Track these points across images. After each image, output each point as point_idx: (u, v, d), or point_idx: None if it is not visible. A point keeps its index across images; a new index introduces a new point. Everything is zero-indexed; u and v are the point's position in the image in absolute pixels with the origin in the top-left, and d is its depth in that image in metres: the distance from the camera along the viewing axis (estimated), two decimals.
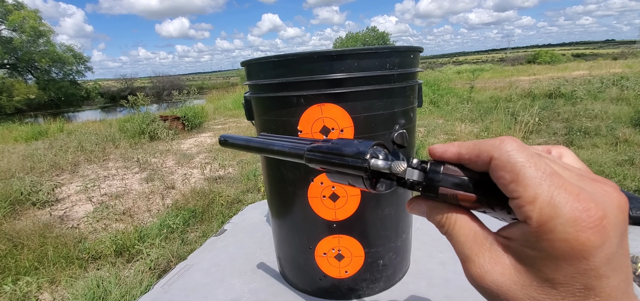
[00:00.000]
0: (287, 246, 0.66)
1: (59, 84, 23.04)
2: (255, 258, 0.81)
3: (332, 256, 0.60)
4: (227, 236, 0.94)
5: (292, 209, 0.61)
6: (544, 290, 0.18)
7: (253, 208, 1.12)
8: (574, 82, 8.88)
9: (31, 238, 2.66)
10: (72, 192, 4.13)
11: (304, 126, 0.53)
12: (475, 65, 25.76)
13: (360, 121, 0.52)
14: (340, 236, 0.59)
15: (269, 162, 0.62)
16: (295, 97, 0.52)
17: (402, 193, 0.61)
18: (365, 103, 0.52)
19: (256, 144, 0.37)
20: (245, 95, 0.64)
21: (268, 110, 0.57)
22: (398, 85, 0.53)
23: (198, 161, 5.16)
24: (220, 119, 9.50)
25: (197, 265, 0.80)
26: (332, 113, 0.51)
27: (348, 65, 0.49)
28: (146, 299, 0.69)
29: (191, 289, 0.71)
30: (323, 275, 0.62)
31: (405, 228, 0.65)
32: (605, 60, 21.64)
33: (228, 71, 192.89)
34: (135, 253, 2.48)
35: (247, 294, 0.67)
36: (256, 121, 0.63)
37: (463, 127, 5.14)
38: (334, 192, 0.56)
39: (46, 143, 6.69)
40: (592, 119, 5.27)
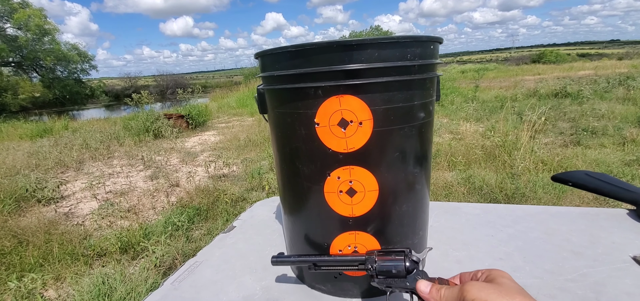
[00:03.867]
0: (301, 243, 0.64)
1: (63, 82, 23.15)
2: (266, 255, 0.79)
3: (348, 253, 0.59)
4: (236, 233, 0.93)
5: (307, 205, 0.59)
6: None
7: (261, 205, 1.11)
8: (580, 81, 8.80)
9: (36, 234, 2.66)
10: (77, 189, 4.14)
11: (322, 118, 0.51)
12: (480, 64, 25.63)
13: (379, 114, 0.50)
14: (356, 233, 0.57)
15: (284, 156, 0.60)
16: (313, 89, 0.50)
17: (420, 190, 0.60)
18: (385, 96, 0.50)
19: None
20: (258, 88, 0.63)
21: (283, 103, 0.55)
22: (418, 76, 0.52)
23: (202, 159, 5.16)
24: (224, 118, 9.51)
25: (207, 262, 0.79)
26: (351, 106, 0.50)
27: (368, 55, 0.47)
28: (156, 296, 0.68)
29: (202, 286, 0.69)
30: (339, 272, 0.61)
31: (422, 225, 0.64)
32: (611, 60, 21.46)
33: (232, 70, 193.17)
34: (140, 250, 2.48)
35: (259, 291, 0.66)
36: (270, 115, 0.62)
37: (468, 126, 5.11)
38: (351, 187, 0.54)
39: (51, 140, 6.73)
40: (599, 119, 5.21)
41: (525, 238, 0.78)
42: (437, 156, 3.98)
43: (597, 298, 0.57)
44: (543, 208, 0.93)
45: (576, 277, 0.63)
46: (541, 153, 3.72)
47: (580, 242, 0.74)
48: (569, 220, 0.85)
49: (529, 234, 0.79)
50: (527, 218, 0.87)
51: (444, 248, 0.76)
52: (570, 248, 0.73)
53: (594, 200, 2.76)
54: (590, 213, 0.87)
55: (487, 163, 3.69)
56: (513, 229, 0.82)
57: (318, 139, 0.53)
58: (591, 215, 0.87)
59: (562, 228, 0.81)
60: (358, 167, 0.53)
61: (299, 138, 0.55)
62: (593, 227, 0.80)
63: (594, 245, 0.73)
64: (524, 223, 0.85)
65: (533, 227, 0.82)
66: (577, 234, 0.78)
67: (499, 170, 3.46)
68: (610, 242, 0.73)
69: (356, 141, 0.51)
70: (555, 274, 0.64)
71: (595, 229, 0.79)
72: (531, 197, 2.84)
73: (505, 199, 2.88)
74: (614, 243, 0.73)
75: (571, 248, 0.72)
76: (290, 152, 0.58)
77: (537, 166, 3.44)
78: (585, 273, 0.64)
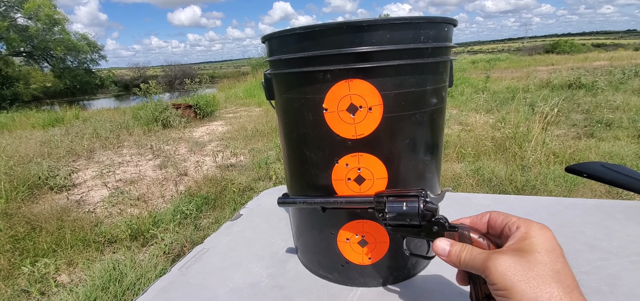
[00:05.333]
0: (308, 232, 0.64)
1: (74, 72, 23.43)
2: (273, 243, 0.79)
3: (356, 242, 0.58)
4: (243, 221, 0.93)
5: (314, 193, 0.58)
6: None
7: (268, 194, 1.10)
8: (595, 72, 8.58)
9: (49, 221, 2.72)
10: (88, 177, 4.21)
11: (330, 104, 0.50)
12: (491, 54, 25.15)
13: (390, 99, 0.49)
14: (364, 222, 0.56)
15: (291, 143, 0.59)
16: (321, 72, 0.49)
17: (430, 179, 0.58)
18: (396, 80, 0.48)
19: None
20: (265, 73, 0.61)
21: (291, 88, 0.54)
22: (431, 60, 0.50)
23: (210, 149, 5.19)
24: (231, 108, 9.54)
25: (214, 249, 0.79)
26: (361, 90, 0.48)
27: (379, 37, 0.46)
28: (164, 281, 0.68)
29: (209, 272, 0.69)
30: (345, 261, 0.60)
31: None
32: (627, 51, 20.87)
33: (239, 60, 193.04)
34: (149, 237, 2.52)
35: (265, 279, 0.66)
36: (277, 100, 0.60)
37: (478, 117, 5.03)
38: (359, 174, 0.53)
39: (62, 129, 6.83)
40: (613, 111, 5.09)
41: None
42: (446, 147, 3.94)
43: (611, 291, 0.56)
44: (556, 200, 0.90)
45: (590, 270, 0.61)
46: (553, 145, 3.65)
47: (594, 234, 0.72)
48: (583, 211, 0.82)
49: None
50: (540, 209, 0.85)
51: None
52: (584, 240, 0.71)
53: (607, 193, 2.71)
54: (605, 205, 0.85)
55: (497, 155, 3.63)
56: None
57: (326, 125, 0.51)
58: (606, 207, 0.84)
59: (575, 220, 0.78)
60: (367, 154, 0.52)
61: (306, 124, 0.54)
62: (608, 219, 0.78)
63: (609, 238, 0.71)
64: (536, 214, 0.82)
65: (546, 219, 0.80)
66: (592, 226, 0.76)
67: (509, 162, 3.41)
68: (626, 235, 0.71)
69: (365, 127, 0.50)
70: (569, 266, 0.62)
71: (611, 221, 0.77)
72: (542, 189, 2.80)
73: (515, 191, 2.84)
74: (629, 236, 0.71)
75: (585, 240, 0.70)
76: (297, 139, 0.57)
77: (548, 158, 3.38)
78: (599, 266, 0.62)
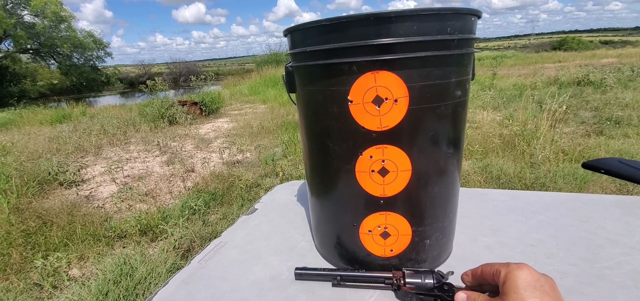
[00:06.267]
0: (329, 224, 0.64)
1: (80, 69, 23.64)
2: (290, 237, 0.79)
3: (378, 234, 0.58)
4: (258, 215, 0.93)
5: (337, 185, 0.58)
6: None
7: (282, 189, 1.11)
8: (603, 69, 8.48)
9: (60, 216, 2.75)
10: (96, 173, 4.25)
11: (355, 96, 0.50)
12: (497, 51, 24.95)
13: (416, 91, 0.48)
14: (387, 213, 0.56)
15: (313, 135, 0.59)
16: (347, 64, 0.49)
17: (452, 172, 0.58)
18: (422, 72, 0.48)
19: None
20: (287, 66, 0.61)
21: (315, 80, 0.54)
22: (457, 51, 0.49)
23: (216, 145, 5.21)
24: (236, 105, 9.56)
25: (231, 242, 0.79)
26: (387, 82, 0.48)
27: (406, 28, 0.45)
28: (184, 273, 0.68)
29: (228, 265, 0.70)
30: (367, 253, 0.60)
31: (453, 207, 0.62)
32: (635, 48, 20.58)
33: (243, 57, 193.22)
34: (159, 232, 2.54)
35: (286, 272, 0.66)
36: (299, 93, 0.60)
37: (485, 114, 5.00)
38: (383, 166, 0.53)
39: (70, 126, 6.90)
40: (623, 108, 5.03)
41: (557, 225, 0.75)
42: None
43: (636, 286, 0.55)
44: (574, 196, 0.90)
45: (613, 265, 0.61)
46: (562, 142, 3.62)
47: (615, 230, 0.72)
48: (603, 207, 0.82)
49: (560, 221, 0.77)
50: (558, 205, 0.85)
51: (472, 234, 0.74)
52: (605, 235, 0.70)
53: (617, 190, 2.68)
54: (624, 201, 0.84)
55: (505, 153, 3.61)
56: (543, 216, 0.80)
57: (351, 117, 0.51)
58: (626, 203, 0.83)
59: (595, 216, 0.78)
60: (391, 146, 0.51)
61: (330, 117, 0.54)
62: (629, 215, 0.77)
63: (631, 234, 0.70)
64: (554, 210, 0.82)
65: (565, 214, 0.80)
66: (612, 222, 0.75)
67: (517, 160, 3.38)
68: None
69: (391, 119, 0.50)
70: (591, 261, 0.62)
71: (631, 217, 0.76)
72: (551, 187, 2.78)
73: (524, 189, 2.82)
74: None
75: (607, 235, 0.70)
76: (320, 131, 0.57)
77: (557, 156, 3.35)
78: (622, 261, 0.62)
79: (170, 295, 0.62)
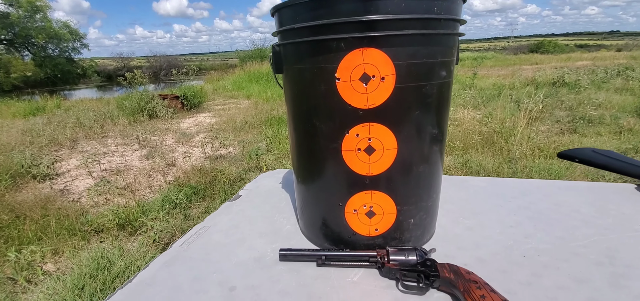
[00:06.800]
0: (314, 205, 0.64)
1: (55, 61, 22.71)
2: (275, 221, 0.79)
3: (363, 213, 0.58)
4: (242, 201, 0.92)
5: (323, 164, 0.58)
6: None
7: (267, 176, 1.10)
8: (578, 71, 8.82)
9: (33, 209, 2.64)
10: (71, 166, 4.10)
11: (343, 73, 0.50)
12: (478, 52, 25.55)
13: (403, 69, 0.49)
14: (372, 192, 0.57)
15: (300, 114, 0.59)
16: (335, 41, 0.49)
17: (436, 151, 0.59)
18: (409, 50, 0.49)
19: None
20: (273, 45, 0.61)
21: (303, 58, 0.54)
22: (443, 31, 0.50)
23: (198, 140, 5.12)
24: (219, 100, 9.42)
25: (215, 227, 0.78)
26: (374, 60, 0.48)
27: (395, 5, 0.46)
28: (166, 256, 0.67)
29: (212, 248, 0.69)
30: (352, 232, 0.60)
31: (436, 188, 0.63)
32: (609, 52, 21.51)
33: (227, 52, 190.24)
34: (138, 226, 2.47)
35: (270, 253, 0.65)
36: (286, 73, 0.60)
37: (466, 112, 5.11)
38: (370, 144, 0.53)
39: (44, 119, 6.62)
40: (596, 108, 5.25)
41: (535, 208, 0.78)
42: None
43: (611, 262, 0.58)
44: (551, 182, 0.93)
45: (588, 244, 0.63)
46: (538, 139, 3.74)
47: (589, 213, 0.75)
48: (577, 193, 0.85)
49: (538, 205, 0.79)
50: (535, 190, 0.87)
51: (454, 217, 0.76)
52: (580, 218, 0.73)
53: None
54: (598, 187, 0.88)
55: (484, 149, 3.70)
56: (522, 200, 0.82)
57: (338, 95, 0.51)
58: (599, 188, 0.87)
59: (570, 200, 0.81)
60: (378, 124, 0.52)
61: (317, 95, 0.53)
62: (602, 200, 0.81)
63: (604, 216, 0.73)
64: (532, 195, 0.85)
65: (541, 199, 0.82)
66: (586, 206, 0.78)
67: (495, 155, 3.48)
68: (621, 213, 0.74)
69: (377, 97, 0.50)
70: (567, 240, 0.65)
71: (604, 202, 0.80)
72: None
73: None
74: (624, 214, 0.74)
75: (581, 218, 0.73)
76: (307, 110, 0.57)
77: (533, 152, 3.47)
78: (597, 240, 0.64)
79: (150, 277, 0.61)
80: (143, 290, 0.58)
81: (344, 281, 0.56)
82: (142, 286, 0.59)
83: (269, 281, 0.58)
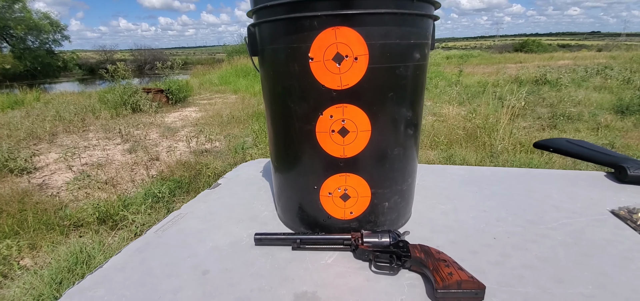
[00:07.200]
0: (290, 189, 0.64)
1: (35, 53, 21.94)
2: (253, 208, 0.78)
3: (338, 196, 0.58)
4: (221, 189, 0.92)
5: (298, 147, 0.58)
6: None
7: (247, 166, 1.09)
8: (559, 70, 9.05)
9: (10, 204, 2.55)
10: (50, 161, 3.98)
11: (316, 52, 0.49)
12: (464, 50, 25.92)
13: (376, 49, 0.49)
14: (347, 175, 0.57)
15: (275, 96, 0.59)
16: (308, 19, 0.48)
17: (411, 135, 0.59)
18: (382, 30, 0.49)
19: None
20: (248, 26, 0.60)
21: (277, 37, 0.53)
22: (417, 12, 0.50)
23: (183, 134, 5.04)
24: (205, 94, 9.29)
25: (191, 214, 0.77)
26: (347, 39, 0.48)
27: None
28: (139, 243, 0.66)
29: (188, 234, 0.68)
30: (327, 216, 0.60)
31: (411, 172, 0.64)
32: (590, 51, 22.12)
33: (214, 47, 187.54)
34: (119, 220, 2.42)
35: (246, 238, 0.65)
36: (261, 54, 0.59)
37: (451, 108, 5.18)
38: (343, 126, 0.53)
39: (22, 112, 6.41)
40: (575, 105, 5.40)
41: (508, 194, 0.80)
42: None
43: (576, 243, 0.59)
44: (526, 170, 0.95)
45: (556, 226, 0.65)
46: (519, 135, 3.83)
47: (560, 198, 0.77)
48: (550, 180, 0.87)
49: (511, 191, 0.81)
50: (510, 178, 0.89)
51: (430, 202, 0.77)
52: (550, 202, 0.75)
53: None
54: (570, 175, 0.90)
55: (468, 144, 3.77)
56: (496, 187, 0.84)
57: (312, 75, 0.51)
58: (571, 176, 0.90)
59: (543, 187, 0.83)
60: (351, 105, 0.52)
61: (292, 76, 0.53)
62: (572, 186, 0.83)
63: (573, 201, 0.75)
64: (507, 182, 0.87)
65: (515, 185, 0.84)
66: (558, 191, 0.80)
67: (479, 150, 3.54)
68: (589, 198, 0.76)
69: (351, 77, 0.50)
70: (537, 223, 0.66)
71: (575, 188, 0.82)
72: None
73: None
74: (592, 199, 0.76)
75: (552, 202, 0.75)
76: (282, 91, 0.56)
77: (515, 147, 3.54)
78: (565, 223, 0.66)
79: (122, 262, 0.60)
80: (113, 275, 0.56)
81: (318, 263, 0.56)
82: (113, 271, 0.57)
83: (243, 265, 0.57)
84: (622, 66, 9.21)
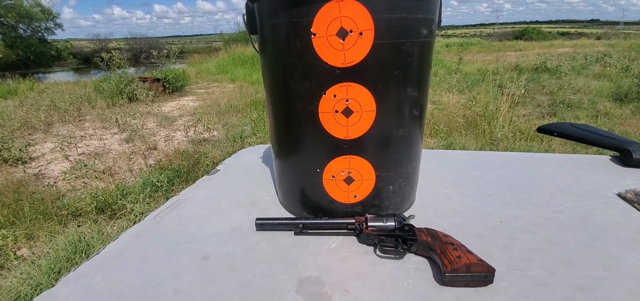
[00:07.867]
0: (292, 173, 0.62)
1: (27, 42, 21.66)
2: (253, 193, 0.77)
3: (342, 179, 0.57)
4: (220, 175, 0.90)
5: (300, 129, 0.56)
6: None
7: (247, 152, 1.07)
8: (559, 58, 9.01)
9: (5, 193, 2.53)
10: (46, 150, 3.94)
11: (319, 28, 0.47)
12: (464, 38, 25.75)
13: (382, 23, 0.47)
14: (351, 157, 0.55)
15: (275, 76, 0.56)
16: None
17: (417, 116, 0.58)
18: (388, 2, 0.46)
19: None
20: (247, 3, 0.57)
21: (277, 12, 0.51)
22: None
23: (181, 123, 5.00)
24: (203, 83, 9.21)
25: (190, 200, 0.75)
26: (351, 12, 0.46)
27: None
28: (137, 228, 0.64)
29: (186, 219, 0.66)
30: (331, 200, 0.59)
31: (416, 155, 0.62)
32: (589, 39, 22.03)
33: (210, 35, 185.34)
34: (117, 209, 2.41)
35: (247, 223, 0.63)
36: (261, 32, 0.57)
37: (451, 96, 5.16)
38: (347, 106, 0.51)
39: (16, 101, 6.34)
40: (575, 93, 5.38)
41: (513, 178, 0.78)
42: None
43: (584, 226, 0.58)
44: (529, 155, 0.94)
45: (563, 209, 0.64)
46: (519, 122, 3.82)
47: (565, 181, 0.76)
48: (554, 163, 0.86)
49: (516, 175, 0.80)
50: (514, 162, 0.88)
51: (434, 187, 0.75)
52: (556, 186, 0.74)
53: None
54: (574, 159, 0.89)
55: (468, 131, 3.75)
56: (501, 171, 0.82)
57: (314, 52, 0.49)
58: (575, 160, 0.88)
59: (548, 171, 0.82)
60: (356, 83, 0.50)
61: (293, 53, 0.51)
62: (577, 170, 0.82)
63: (579, 184, 0.74)
64: (511, 166, 0.85)
65: (520, 169, 0.83)
66: (562, 175, 0.79)
67: (478, 138, 3.53)
68: (595, 182, 0.75)
69: (355, 54, 0.48)
70: (543, 207, 0.65)
71: (580, 171, 0.81)
72: None
73: None
74: (598, 182, 0.75)
75: (557, 186, 0.74)
76: (283, 70, 0.54)
77: (515, 135, 3.53)
78: (572, 206, 0.65)
79: (120, 248, 0.58)
80: (110, 261, 0.55)
81: (321, 248, 0.55)
82: (110, 257, 0.56)
83: (244, 249, 0.56)
84: (621, 54, 9.18)
